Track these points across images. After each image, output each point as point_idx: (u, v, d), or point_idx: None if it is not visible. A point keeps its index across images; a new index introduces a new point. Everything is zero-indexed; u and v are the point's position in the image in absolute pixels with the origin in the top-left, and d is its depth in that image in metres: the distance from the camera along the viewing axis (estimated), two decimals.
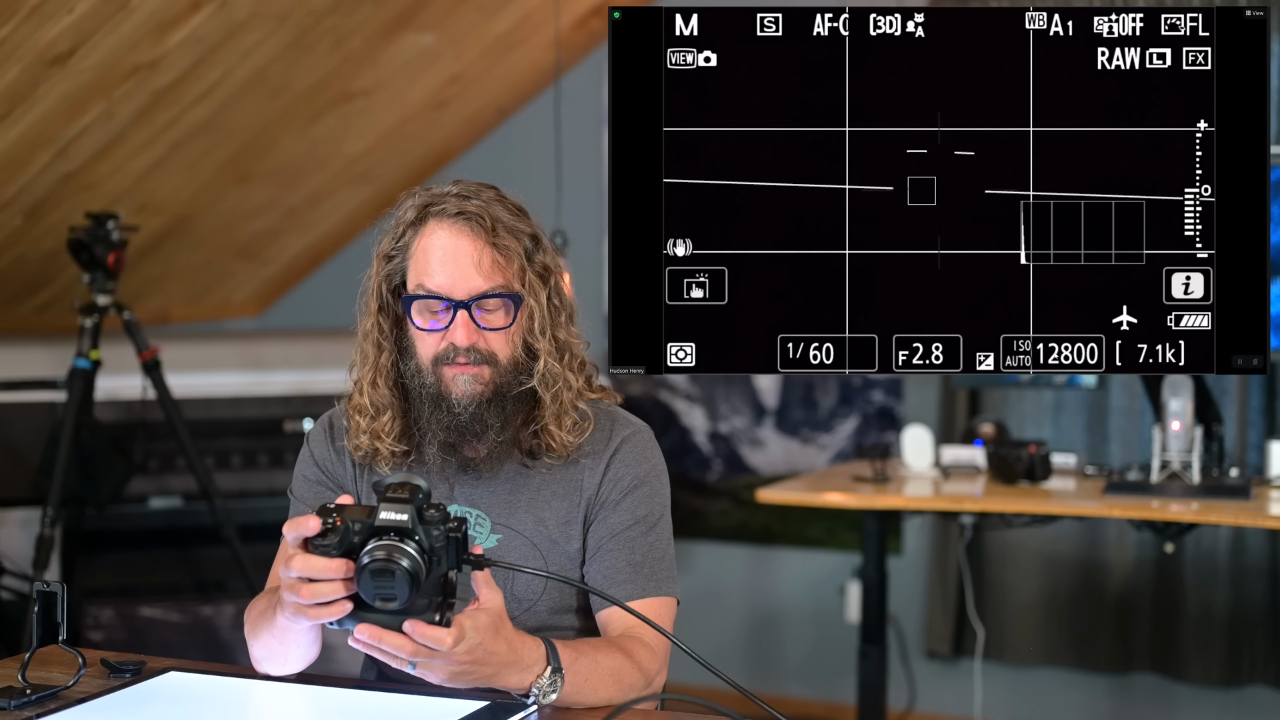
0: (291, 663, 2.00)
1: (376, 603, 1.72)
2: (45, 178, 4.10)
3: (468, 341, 2.04)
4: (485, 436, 2.07)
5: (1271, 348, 2.84)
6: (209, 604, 4.39)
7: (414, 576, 1.71)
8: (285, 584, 1.77)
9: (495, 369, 2.06)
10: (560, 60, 4.85)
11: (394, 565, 1.70)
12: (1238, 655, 4.36)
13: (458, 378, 2.05)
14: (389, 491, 1.75)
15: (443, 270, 2.03)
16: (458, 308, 2.03)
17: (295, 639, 1.95)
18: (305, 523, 1.77)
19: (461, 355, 2.04)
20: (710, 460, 5.06)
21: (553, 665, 1.85)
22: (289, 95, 4.36)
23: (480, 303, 2.04)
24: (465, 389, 2.05)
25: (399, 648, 1.74)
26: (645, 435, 2.18)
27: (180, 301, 5.25)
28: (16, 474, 4.18)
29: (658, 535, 2.12)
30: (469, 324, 2.04)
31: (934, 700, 4.75)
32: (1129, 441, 4.40)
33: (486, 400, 2.05)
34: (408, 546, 1.72)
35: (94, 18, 3.52)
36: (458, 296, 2.03)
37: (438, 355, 2.06)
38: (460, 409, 2.05)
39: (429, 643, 1.73)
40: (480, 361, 2.05)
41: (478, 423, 2.06)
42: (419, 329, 2.06)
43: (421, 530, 1.73)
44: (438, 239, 2.05)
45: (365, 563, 1.71)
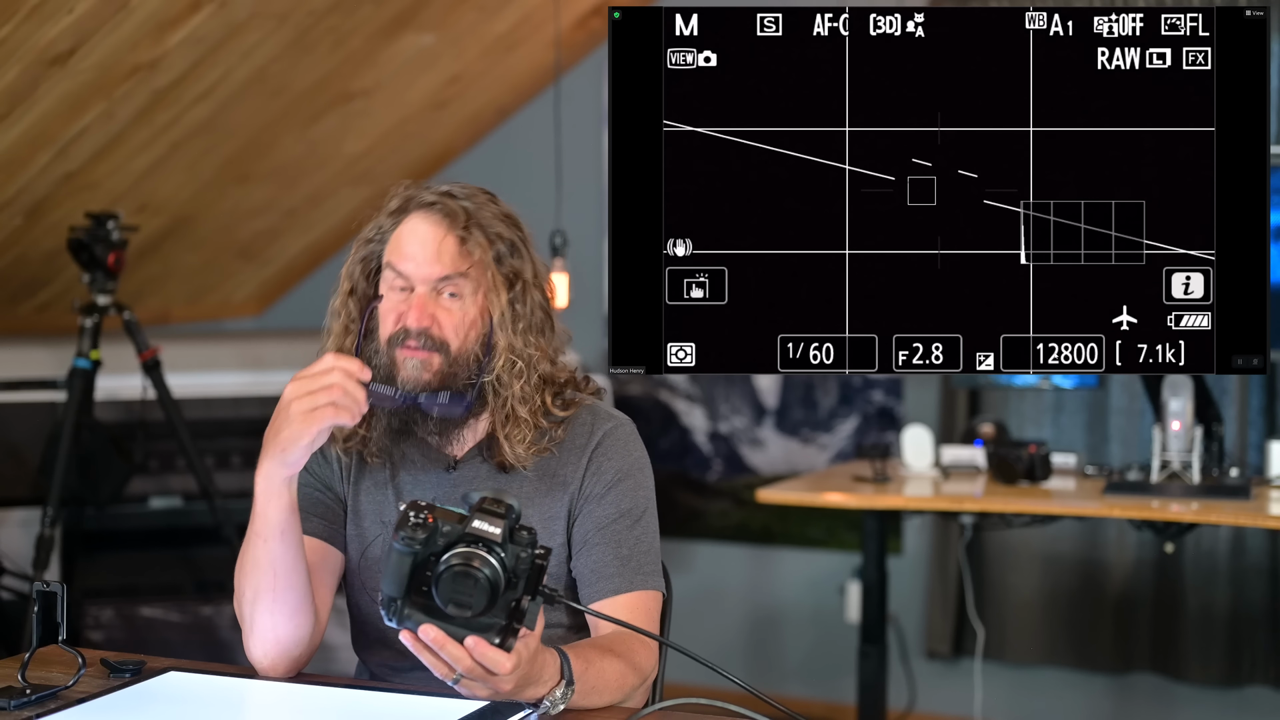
0: (279, 600, 1.97)
1: (450, 608, 1.71)
2: (45, 178, 4.10)
3: (419, 324, 2.05)
4: (425, 425, 2.09)
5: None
6: (209, 604, 4.39)
7: (494, 590, 1.70)
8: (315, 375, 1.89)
9: (445, 358, 2.06)
10: (560, 60, 4.85)
11: (478, 573, 1.69)
12: (1238, 655, 4.36)
13: (407, 361, 2.06)
14: (485, 504, 1.74)
15: (409, 253, 2.07)
16: (416, 289, 2.06)
17: (278, 564, 1.95)
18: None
19: (413, 338, 2.05)
20: (710, 460, 5.06)
21: (566, 679, 1.85)
22: (289, 95, 4.36)
23: (440, 289, 2.06)
24: (411, 374, 2.06)
25: (457, 659, 1.73)
26: (627, 429, 2.18)
27: (180, 301, 5.25)
28: (16, 474, 4.18)
29: (643, 529, 2.13)
30: (423, 305, 2.05)
31: (934, 700, 4.75)
32: (1129, 441, 4.40)
33: (433, 390, 2.06)
34: (493, 559, 1.71)
35: (94, 18, 3.52)
36: (418, 278, 2.06)
37: (392, 335, 2.07)
38: (406, 391, 2.06)
39: (487, 664, 1.72)
40: (430, 348, 2.06)
41: (418, 409, 2.06)
42: (385, 310, 2.08)
43: (509, 549, 1.72)
44: (411, 224, 2.09)
45: (452, 564, 1.71)
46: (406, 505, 1.74)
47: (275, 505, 1.95)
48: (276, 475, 1.94)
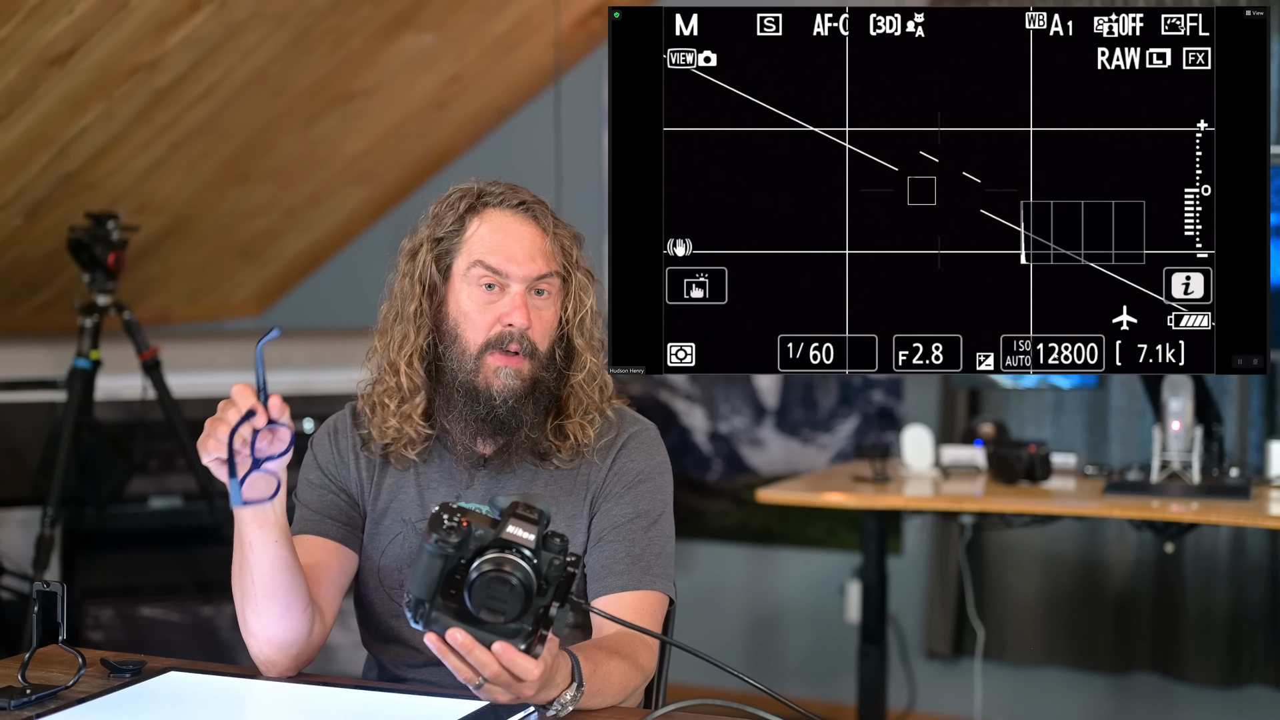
0: (263, 604, 1.96)
1: (482, 613, 1.70)
2: (45, 178, 4.10)
3: (526, 321, 2.05)
4: (519, 432, 2.08)
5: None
6: (209, 604, 4.39)
7: (527, 596, 1.69)
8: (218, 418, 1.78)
9: (535, 363, 2.08)
10: (560, 60, 4.85)
11: (512, 578, 1.69)
12: (1238, 655, 4.36)
13: (500, 370, 2.06)
14: (518, 509, 1.73)
15: (507, 251, 2.07)
16: (512, 288, 2.06)
17: (262, 559, 1.92)
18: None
19: (514, 341, 2.05)
20: (710, 460, 5.06)
21: (577, 681, 1.85)
22: (289, 95, 4.36)
23: (536, 287, 2.07)
24: (506, 383, 2.06)
25: (484, 664, 1.72)
26: (651, 433, 2.20)
27: (180, 301, 5.25)
28: (16, 474, 4.18)
29: (658, 531, 2.13)
30: (526, 304, 2.06)
31: (934, 700, 4.75)
32: (1129, 441, 4.40)
33: (524, 395, 2.07)
34: (526, 565, 1.70)
35: (94, 18, 3.52)
36: (518, 276, 2.06)
37: (489, 340, 2.07)
38: (499, 402, 2.06)
39: (515, 670, 1.71)
40: (526, 353, 2.07)
41: (513, 417, 2.07)
42: (468, 310, 2.07)
43: (542, 555, 1.72)
44: (501, 222, 2.09)
45: (485, 570, 1.70)
46: (439, 508, 1.73)
47: (240, 519, 1.92)
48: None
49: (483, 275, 2.07)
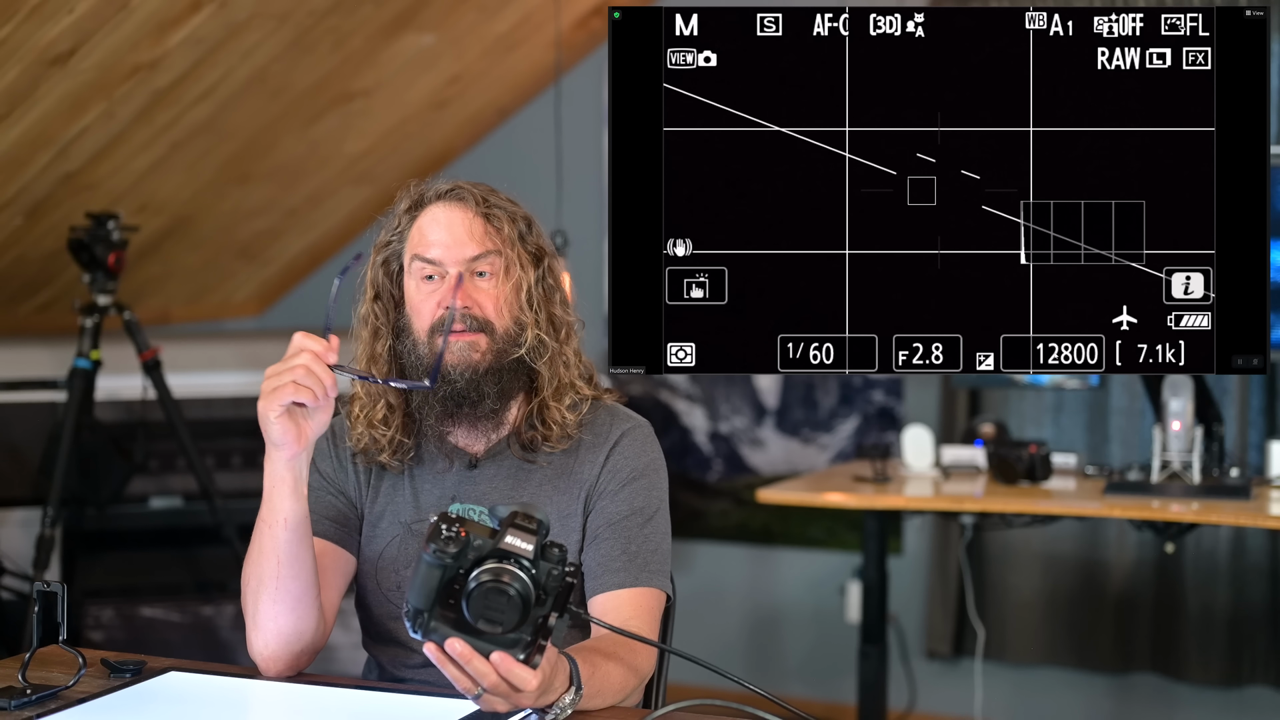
0: (282, 589, 1.97)
1: (480, 623, 1.70)
2: (45, 178, 4.11)
3: (460, 302, 2.06)
4: (482, 405, 2.09)
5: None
6: (209, 604, 4.39)
7: (526, 606, 1.69)
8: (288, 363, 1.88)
9: (491, 338, 2.09)
10: (560, 60, 4.85)
11: (510, 588, 1.68)
12: (1238, 655, 4.36)
13: (454, 345, 2.07)
14: (516, 519, 1.72)
15: (438, 239, 2.09)
16: (449, 272, 2.08)
17: (282, 551, 1.95)
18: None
19: (457, 321, 2.06)
20: (710, 460, 5.06)
21: (575, 684, 1.85)
22: (289, 95, 4.36)
23: (473, 267, 2.09)
24: (461, 356, 2.07)
25: (482, 675, 1.71)
26: (645, 430, 2.20)
27: (180, 301, 5.25)
28: (16, 474, 4.18)
29: (654, 528, 2.13)
30: (464, 286, 2.07)
31: (934, 700, 4.75)
32: (1129, 441, 4.40)
33: (483, 370, 2.07)
34: (525, 575, 1.70)
35: (94, 18, 3.52)
36: (450, 261, 2.08)
37: (432, 325, 2.09)
38: (456, 375, 2.07)
39: (513, 680, 1.71)
40: (476, 329, 2.08)
41: (474, 390, 2.08)
42: (415, 303, 2.10)
43: (541, 565, 1.71)
44: (432, 214, 2.12)
45: (484, 579, 1.69)
46: (437, 517, 1.72)
47: (279, 491, 1.96)
48: (273, 457, 1.95)
49: (422, 268, 2.10)
